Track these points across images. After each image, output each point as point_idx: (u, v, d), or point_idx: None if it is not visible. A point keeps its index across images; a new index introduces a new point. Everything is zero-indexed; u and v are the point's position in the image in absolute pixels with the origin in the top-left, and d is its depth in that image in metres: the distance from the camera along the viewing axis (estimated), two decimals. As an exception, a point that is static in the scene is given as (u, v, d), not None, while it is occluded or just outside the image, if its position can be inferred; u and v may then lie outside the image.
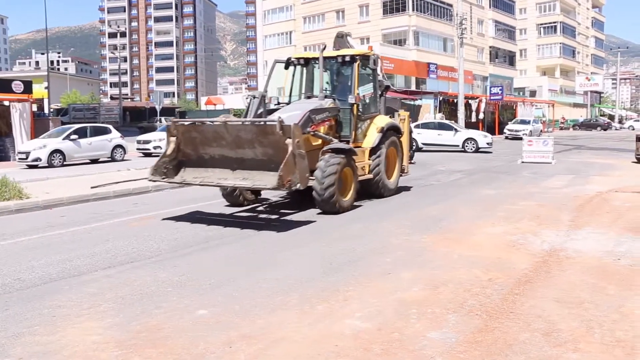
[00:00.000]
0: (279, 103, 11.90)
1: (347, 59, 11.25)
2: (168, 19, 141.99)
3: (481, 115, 45.94)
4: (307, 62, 12.01)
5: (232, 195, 10.65)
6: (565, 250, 7.09)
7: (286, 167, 8.30)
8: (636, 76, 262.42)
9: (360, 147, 11.22)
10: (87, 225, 9.19)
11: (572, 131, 62.39)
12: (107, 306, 5.11)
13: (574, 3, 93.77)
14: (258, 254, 7.12)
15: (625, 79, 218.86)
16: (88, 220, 9.71)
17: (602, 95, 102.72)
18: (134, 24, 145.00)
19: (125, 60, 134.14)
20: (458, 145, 26.85)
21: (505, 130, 42.04)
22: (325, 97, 10.95)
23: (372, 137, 11.43)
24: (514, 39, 76.51)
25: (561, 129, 65.56)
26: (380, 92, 12.40)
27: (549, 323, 4.62)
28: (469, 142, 26.74)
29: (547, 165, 19.38)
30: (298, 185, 8.57)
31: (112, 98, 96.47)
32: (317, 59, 11.15)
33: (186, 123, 9.84)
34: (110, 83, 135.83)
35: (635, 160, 20.48)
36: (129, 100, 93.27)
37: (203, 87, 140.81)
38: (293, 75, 12.14)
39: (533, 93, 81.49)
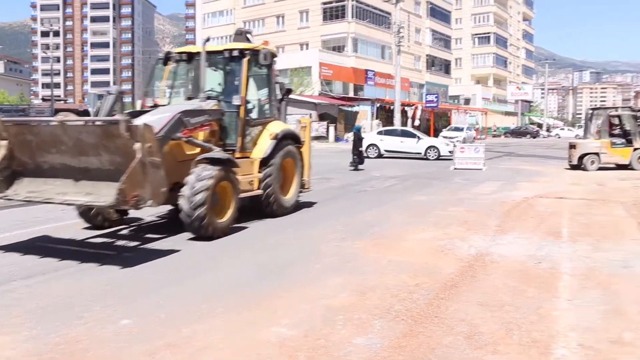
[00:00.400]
0: (155, 105, 10.03)
1: (235, 54, 9.71)
2: (105, 19, 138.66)
3: (417, 122, 47.07)
4: (191, 58, 10.24)
5: (87, 214, 8.77)
6: (491, 255, 7.31)
7: (131, 178, 6.71)
8: (562, 87, 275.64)
9: (248, 157, 9.75)
10: (9, 233, 8.75)
11: (503, 138, 64.61)
12: (25, 318, 4.90)
13: (506, 15, 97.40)
14: (184, 263, 7.01)
15: (552, 89, 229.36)
16: (11, 227, 9.27)
17: (531, 104, 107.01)
18: (69, 23, 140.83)
19: (58, 60, 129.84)
20: (420, 153, 26.87)
21: (440, 137, 43.10)
22: (209, 98, 9.48)
23: (263, 146, 9.91)
24: (450, 48, 78.76)
25: (494, 136, 67.75)
26: (281, 96, 10.99)
27: (472, 326, 4.75)
28: (431, 149, 26.80)
29: (478, 172, 19.99)
30: (149, 202, 6.99)
31: (43, 99, 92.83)
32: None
33: (18, 123, 8.09)
34: (42, 84, 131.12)
35: (569, 167, 21.43)
36: (62, 102, 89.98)
37: (140, 90, 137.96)
38: (175, 73, 10.59)
39: (467, 101, 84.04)
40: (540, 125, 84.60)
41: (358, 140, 21.27)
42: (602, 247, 7.78)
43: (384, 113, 49.45)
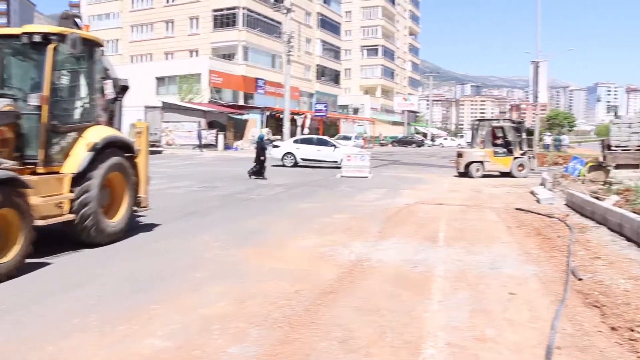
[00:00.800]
0: None
1: (37, 39, 7.45)
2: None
3: (306, 131, 47.74)
4: None
5: None
6: (370, 260, 7.52)
7: None
8: (446, 99, 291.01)
9: (58, 172, 7.69)
10: None
11: (390, 147, 66.80)
12: None
13: (393, 29, 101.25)
14: (63, 274, 6.62)
15: (437, 100, 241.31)
16: None
17: (417, 114, 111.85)
18: None
19: None
20: (337, 161, 26.20)
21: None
22: (1, 96, 7.43)
23: (77, 158, 7.81)
24: (340, 58, 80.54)
25: (381, 145, 69.97)
26: (115, 95, 9.01)
27: (347, 331, 4.85)
28: None
29: (364, 180, 20.50)
30: None
31: None
32: None
33: None
34: None
35: (457, 174, 22.60)
36: None
37: None
38: None
39: (356, 111, 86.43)
40: (425, 135, 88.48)
41: (261, 150, 20.70)
42: (474, 250, 8.24)
43: (274, 121, 49.75)
